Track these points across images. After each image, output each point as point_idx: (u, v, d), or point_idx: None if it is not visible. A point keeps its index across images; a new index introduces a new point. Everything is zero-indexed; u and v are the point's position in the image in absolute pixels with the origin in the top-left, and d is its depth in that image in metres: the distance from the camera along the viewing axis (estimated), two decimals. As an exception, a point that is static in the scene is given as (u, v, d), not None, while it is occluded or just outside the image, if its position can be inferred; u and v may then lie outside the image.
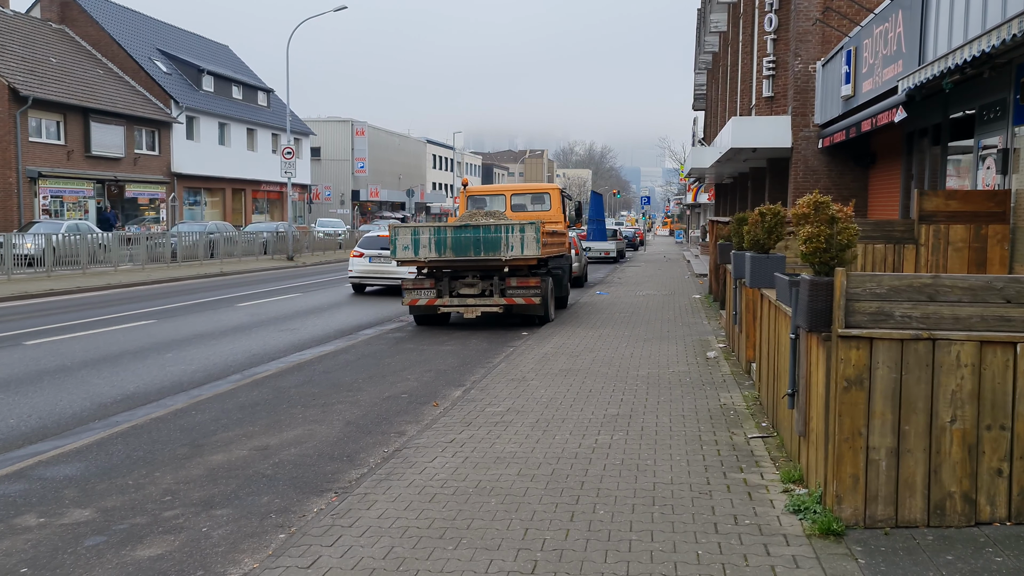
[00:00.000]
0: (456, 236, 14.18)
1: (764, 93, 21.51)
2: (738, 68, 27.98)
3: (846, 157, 19.20)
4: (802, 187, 19.52)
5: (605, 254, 38.45)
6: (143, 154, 42.14)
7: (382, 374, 10.38)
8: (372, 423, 7.87)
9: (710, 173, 35.89)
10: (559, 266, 17.59)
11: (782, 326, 6.45)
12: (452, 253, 14.22)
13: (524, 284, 14.41)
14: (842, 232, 4.86)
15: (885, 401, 4.65)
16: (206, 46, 55.72)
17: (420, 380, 10.01)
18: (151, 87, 44.14)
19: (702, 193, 56.00)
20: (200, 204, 48.22)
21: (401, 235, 14.35)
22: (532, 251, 14.06)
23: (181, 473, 6.29)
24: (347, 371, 10.58)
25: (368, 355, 11.91)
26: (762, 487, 5.53)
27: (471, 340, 13.41)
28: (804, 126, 19.58)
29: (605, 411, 7.83)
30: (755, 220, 7.81)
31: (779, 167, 23.16)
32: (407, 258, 14.41)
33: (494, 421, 7.50)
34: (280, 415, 8.17)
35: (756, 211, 7.86)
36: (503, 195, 18.64)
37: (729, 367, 10.14)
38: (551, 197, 18.36)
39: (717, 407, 7.96)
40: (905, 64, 12.79)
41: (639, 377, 9.54)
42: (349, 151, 70.95)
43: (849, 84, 16.22)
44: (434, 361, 11.40)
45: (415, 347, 12.67)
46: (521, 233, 14.07)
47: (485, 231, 14.14)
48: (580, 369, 10.10)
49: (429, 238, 14.25)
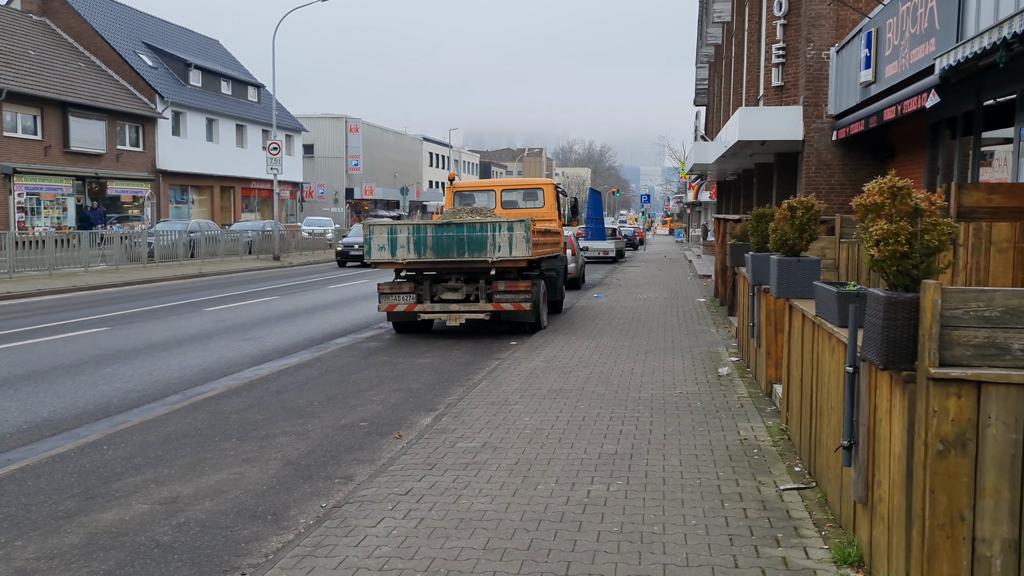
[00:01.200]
0: (437, 235, 12.78)
1: (773, 82, 20.10)
2: (743, 58, 26.58)
3: (862, 150, 17.82)
4: (814, 182, 18.15)
5: (604, 254, 37.05)
6: (126, 150, 40.68)
7: (344, 395, 8.97)
8: (316, 463, 6.46)
9: (712, 170, 34.49)
10: (553, 268, 16.18)
11: (825, 351, 5.06)
12: (433, 254, 12.82)
13: (513, 288, 13.01)
14: (931, 231, 3.46)
15: (1000, 473, 3.25)
16: (195, 40, 54.26)
17: (386, 402, 8.60)
18: (135, 81, 42.68)
19: (703, 191, 54.62)
20: (187, 202, 46.77)
21: (376, 234, 12.94)
22: (521, 252, 12.65)
23: (50, 542, 4.87)
24: (304, 391, 9.17)
25: (334, 370, 10.50)
26: (808, 572, 4.13)
27: (453, 351, 12.01)
28: (817, 117, 18.18)
29: (600, 448, 6.43)
30: (783, 216, 6.41)
31: (788, 162, 21.77)
32: (383, 260, 12.99)
33: (464, 462, 6.10)
34: (208, 451, 6.76)
35: (784, 205, 6.46)
36: (493, 191, 17.23)
37: (745, 387, 8.74)
38: (544, 193, 16.94)
39: (736, 442, 6.56)
40: (939, 42, 11.38)
41: (641, 400, 8.14)
42: (343, 148, 69.49)
43: (869, 69, 14.81)
44: (407, 377, 9.99)
45: (389, 359, 11.27)
46: (509, 232, 12.67)
47: (469, 230, 12.73)
48: (572, 389, 8.70)
49: (407, 238, 12.84)
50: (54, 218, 35.49)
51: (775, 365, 8.05)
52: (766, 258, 7.67)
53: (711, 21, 34.79)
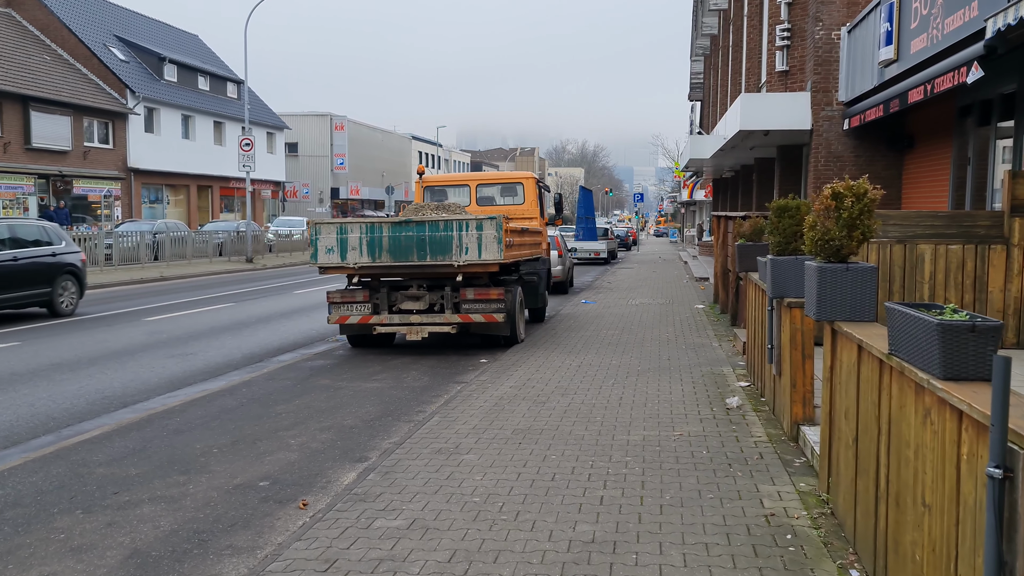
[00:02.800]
0: (395, 236, 10.95)
1: (777, 67, 18.31)
2: (742, 45, 24.81)
3: (877, 140, 16.07)
4: (823, 176, 16.38)
5: (595, 255, 35.27)
6: (94, 147, 38.73)
7: (257, 435, 7.13)
8: (173, 555, 4.61)
9: (709, 166, 32.72)
10: (534, 272, 14.38)
11: (908, 409, 3.26)
12: (390, 257, 10.99)
13: (483, 297, 11.19)
14: None
15: None
16: (172, 35, 52.28)
17: (306, 448, 6.76)
18: (105, 75, 40.72)
19: (698, 189, 52.94)
20: (162, 201, 44.82)
21: (324, 234, 11.11)
22: (492, 254, 10.84)
23: None
24: (209, 430, 7.32)
25: (259, 398, 8.66)
26: None
27: (410, 371, 10.17)
28: (826, 104, 16.41)
29: (571, 531, 4.62)
30: (823, 207, 4.59)
31: (792, 155, 20.01)
32: (331, 264, 11.15)
33: (377, 557, 4.28)
34: (30, 534, 4.90)
35: (826, 192, 4.65)
36: (467, 186, 15.40)
37: (762, 426, 6.92)
38: (524, 188, 15.11)
39: (760, 520, 4.76)
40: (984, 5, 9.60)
41: (630, 447, 6.32)
42: (328, 147, 67.56)
43: (890, 46, 13.04)
44: (345, 409, 8.16)
45: (331, 383, 9.43)
46: (478, 231, 10.85)
47: (432, 229, 10.91)
48: (544, 429, 6.88)
49: (360, 238, 11.01)
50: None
51: (803, 402, 6.25)
52: (795, 264, 5.87)
53: (707, 10, 33.05)
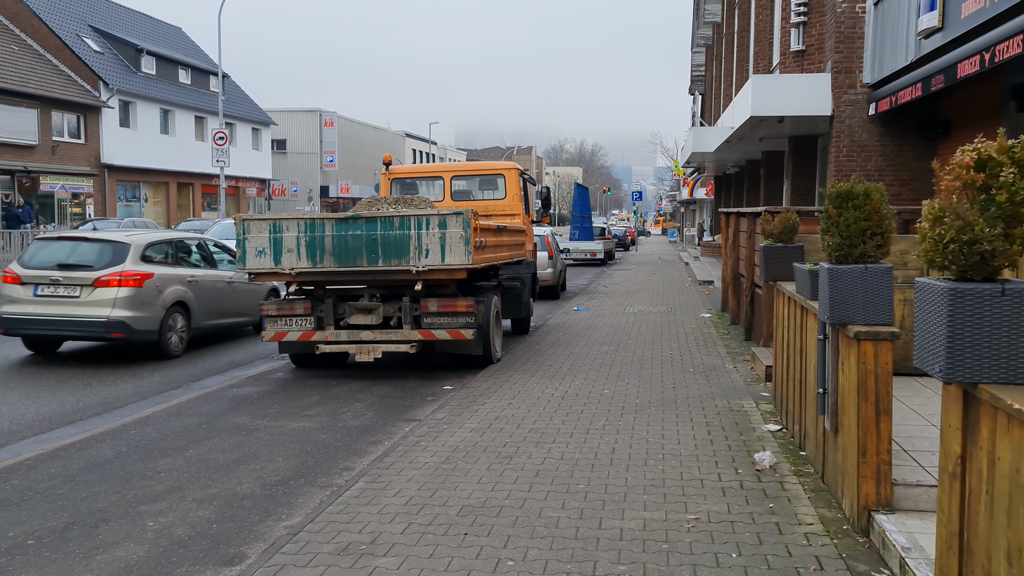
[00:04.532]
0: (340, 235, 8.96)
1: (792, 47, 16.35)
2: (750, 28, 22.82)
3: (906, 127, 14.12)
4: (845, 168, 14.42)
5: (591, 255, 33.27)
6: (64, 142, 36.68)
7: (107, 512, 5.13)
8: None
9: (711, 162, 30.75)
10: (515, 277, 12.42)
11: None
12: (334, 261, 8.99)
13: (449, 309, 9.21)
14: None
15: None
16: (152, 26, 50.23)
17: (164, 538, 4.75)
18: (77, 67, 38.68)
19: (699, 187, 50.91)
20: (139, 199, 42.79)
21: (254, 233, 9.11)
22: (458, 257, 8.84)
23: None
24: (47, 501, 5.33)
25: (144, 446, 6.67)
26: None
27: (352, 404, 8.18)
28: (849, 86, 14.44)
29: None
30: (966, 183, 2.61)
31: (805, 147, 18.05)
32: (262, 270, 9.15)
33: None
34: None
35: (966, 156, 2.67)
36: (440, 178, 13.44)
37: (810, 502, 4.93)
38: (506, 181, 13.12)
39: None
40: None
41: (625, 540, 4.35)
42: (317, 144, 65.49)
43: (934, 11, 11.06)
44: (249, 464, 6.17)
45: (248, 422, 7.44)
46: (441, 229, 8.86)
47: (385, 227, 8.92)
48: (505, 505, 4.91)
49: (297, 238, 9.02)
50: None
51: (877, 477, 4.28)
52: (864, 277, 3.90)
53: (710, -5, 31.09)
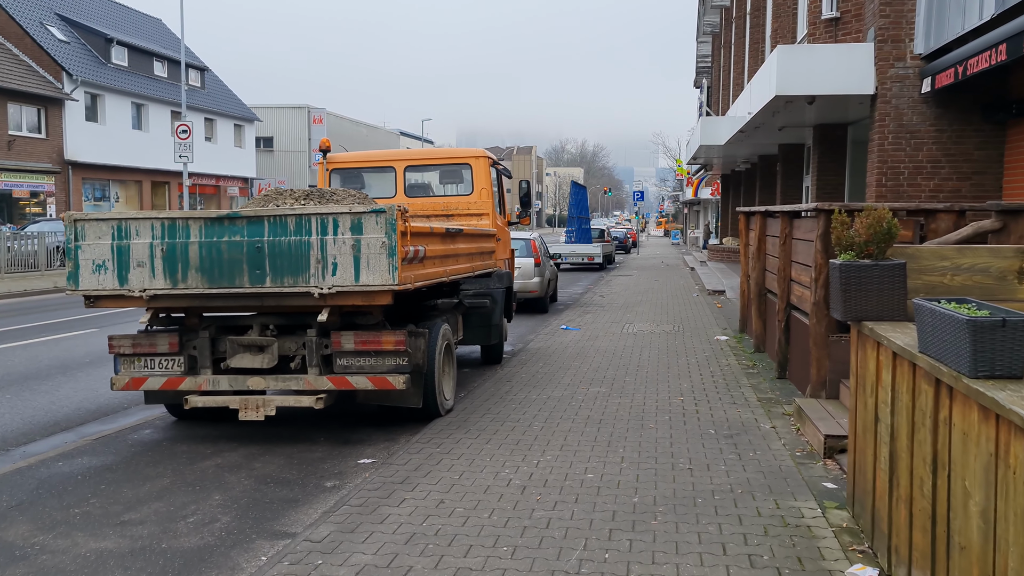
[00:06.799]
0: (212, 243, 6.25)
1: (824, 13, 13.64)
2: (766, 4, 20.09)
3: (967, 108, 11.46)
4: (892, 160, 11.76)
5: (588, 259, 30.58)
6: (22, 136, 34.06)
7: None
8: None
9: (719, 157, 27.99)
10: (484, 293, 9.75)
11: None
12: (203, 280, 6.30)
13: (370, 347, 6.50)
14: None
15: None
16: (128, 16, 47.59)
17: None
18: (38, 56, 36.06)
19: (704, 187, 48.20)
20: (108, 199, 40.14)
21: (90, 238, 6.41)
22: (378, 274, 6.13)
23: None
24: None
25: None
26: None
27: (206, 501, 5.47)
28: (896, 58, 11.76)
29: None
30: None
31: (833, 137, 15.37)
32: (104, 291, 6.44)
33: None
34: None
35: None
36: (391, 168, 10.73)
37: None
38: (473, 173, 10.41)
39: None
40: None
41: None
42: (306, 142, 62.81)
43: (1028, -53, 8.34)
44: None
45: (21, 539, 4.76)
46: (354, 234, 6.15)
47: (274, 230, 6.21)
48: None
49: (151, 245, 6.31)
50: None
51: None
52: None
53: (718, -25, 28.37)
